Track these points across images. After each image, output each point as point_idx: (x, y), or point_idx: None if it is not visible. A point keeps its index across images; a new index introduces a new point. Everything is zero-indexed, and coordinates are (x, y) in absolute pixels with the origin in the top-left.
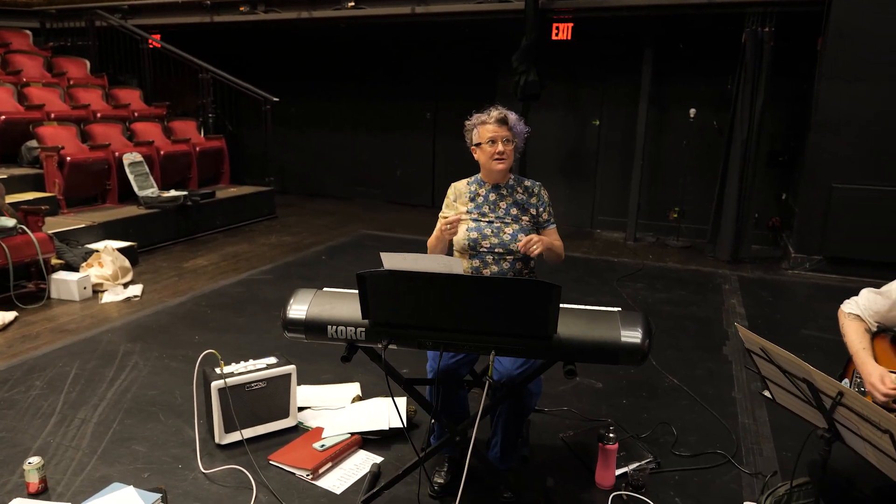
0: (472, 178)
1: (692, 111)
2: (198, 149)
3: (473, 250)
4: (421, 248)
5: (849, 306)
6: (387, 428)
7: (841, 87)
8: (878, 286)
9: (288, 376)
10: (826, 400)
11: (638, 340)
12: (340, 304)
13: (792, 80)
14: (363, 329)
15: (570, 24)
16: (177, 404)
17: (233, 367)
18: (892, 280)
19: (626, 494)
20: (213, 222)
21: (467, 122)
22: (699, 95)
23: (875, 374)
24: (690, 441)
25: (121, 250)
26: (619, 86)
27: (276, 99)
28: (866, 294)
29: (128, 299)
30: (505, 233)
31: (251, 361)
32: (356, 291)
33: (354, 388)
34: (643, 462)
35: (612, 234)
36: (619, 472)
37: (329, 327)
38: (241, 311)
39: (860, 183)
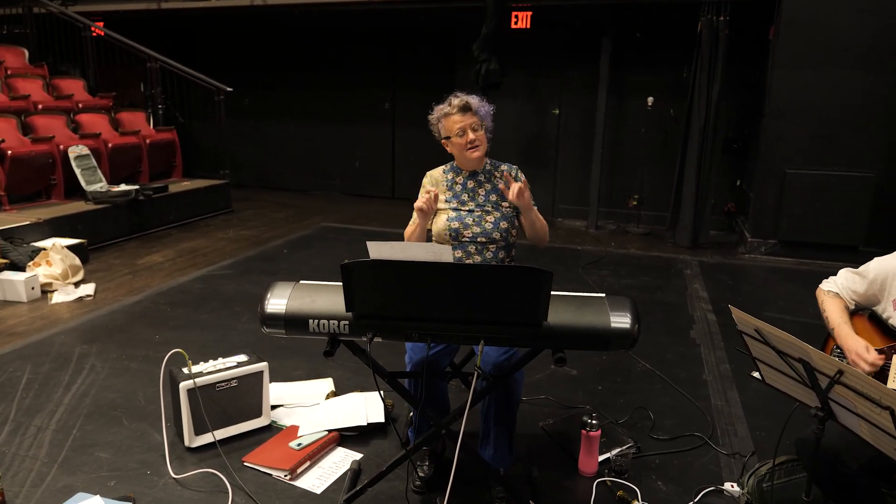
0: (448, 165)
1: (650, 100)
2: (148, 141)
3: (455, 240)
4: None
5: (828, 285)
6: (365, 423)
7: (793, 75)
8: (829, 268)
9: (260, 374)
10: (822, 379)
11: (628, 325)
12: (321, 297)
13: (743, 69)
14: (347, 322)
15: (529, 13)
16: (140, 407)
17: (201, 367)
18: (841, 261)
19: (610, 480)
20: (167, 217)
21: (430, 117)
22: (656, 84)
23: (860, 345)
24: (667, 424)
25: (70, 248)
26: (578, 75)
27: (229, 89)
28: (844, 274)
29: (80, 299)
30: (486, 221)
31: (220, 360)
32: (336, 283)
33: (328, 384)
34: (624, 447)
35: (573, 223)
36: (601, 458)
37: (311, 321)
38: (202, 308)
39: (812, 168)
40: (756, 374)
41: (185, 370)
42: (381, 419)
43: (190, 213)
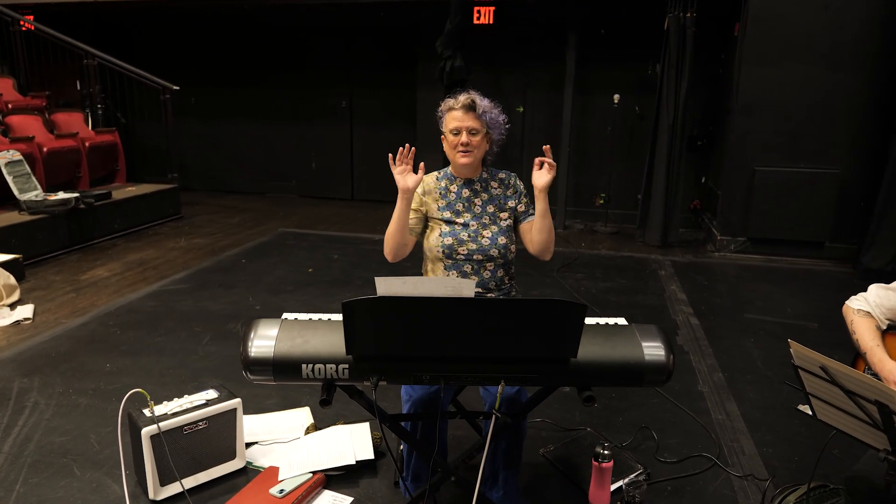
0: (441, 171)
1: (616, 97)
2: (87, 144)
3: (449, 258)
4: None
5: (857, 303)
6: (354, 462)
7: (760, 72)
8: (798, 265)
9: (233, 412)
10: None
11: (662, 356)
12: (314, 336)
13: (707, 66)
14: (346, 366)
15: (492, 8)
16: (94, 452)
17: (165, 407)
18: (809, 257)
19: None
20: (111, 226)
21: (439, 108)
22: (622, 81)
23: (890, 368)
24: (672, 444)
25: (3, 264)
26: (542, 71)
27: (175, 87)
28: (876, 290)
29: (17, 323)
30: (483, 236)
31: (186, 398)
32: (327, 317)
33: (305, 415)
34: (634, 475)
35: None
36: (612, 487)
37: (304, 366)
38: (156, 330)
39: (780, 165)
40: (804, 409)
41: (147, 412)
42: (371, 455)
43: (136, 221)
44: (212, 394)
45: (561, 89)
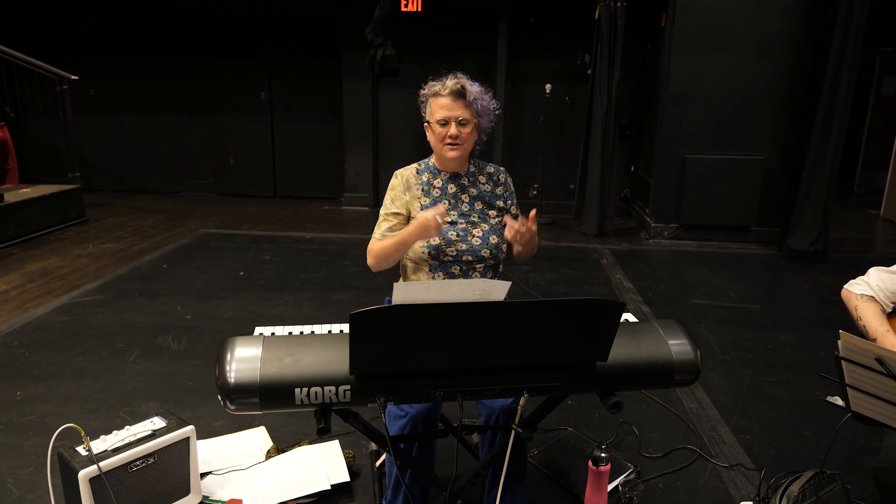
0: (422, 164)
1: (548, 87)
2: None
3: (436, 260)
4: (281, 243)
5: (859, 287)
6: (328, 486)
7: (689, 62)
8: (727, 249)
9: (185, 442)
10: None
11: (691, 354)
12: (306, 354)
13: (634, 55)
14: (348, 388)
15: None
16: (13, 500)
17: (104, 442)
18: (736, 241)
19: None
20: (5, 233)
21: (421, 92)
22: (553, 70)
23: None
24: (653, 438)
25: None
26: (473, 61)
27: (74, 77)
28: (877, 274)
29: None
30: (473, 235)
31: (127, 429)
32: (310, 330)
33: (261, 436)
34: (626, 474)
35: None
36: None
37: (297, 391)
38: (72, 349)
39: (708, 153)
40: (834, 400)
41: (82, 450)
42: (346, 477)
43: (35, 227)
44: (158, 422)
45: (492, 79)
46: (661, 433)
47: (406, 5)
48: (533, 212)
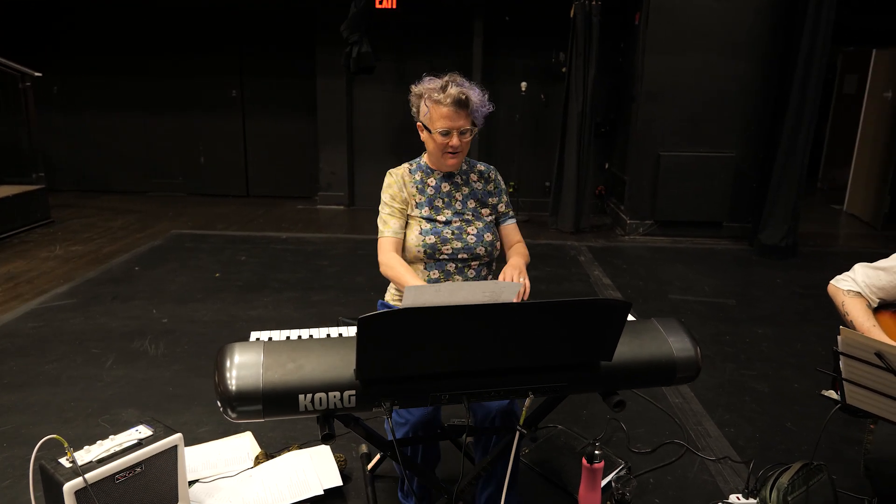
0: (414, 164)
1: (523, 85)
2: None
3: (430, 258)
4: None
5: (845, 283)
6: (321, 492)
7: (662, 60)
8: (700, 244)
9: (173, 450)
10: None
11: (691, 351)
12: (308, 360)
13: (609, 54)
14: (353, 393)
15: None
16: None
17: (88, 452)
18: (709, 237)
19: None
20: None
21: (414, 88)
22: (529, 69)
23: None
24: (641, 434)
25: None
26: (448, 59)
27: (37, 74)
28: (863, 270)
29: None
30: (468, 233)
31: (112, 439)
32: (308, 333)
33: (248, 442)
34: (618, 470)
35: None
36: None
37: (301, 397)
38: (45, 355)
39: (682, 150)
40: (829, 394)
41: (65, 462)
42: (339, 481)
43: None
44: (144, 430)
45: (468, 77)
46: (648, 428)
47: (381, 2)
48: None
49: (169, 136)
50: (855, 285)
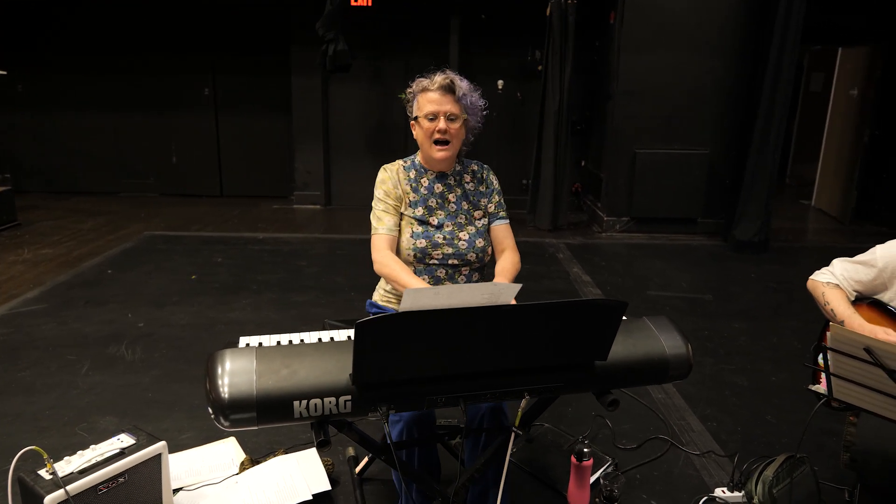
0: (408, 161)
1: (500, 83)
2: None
3: (421, 262)
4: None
5: (824, 276)
6: (310, 497)
7: (637, 59)
8: (676, 241)
9: (157, 459)
10: None
11: (683, 349)
12: (302, 365)
13: (583, 53)
14: (349, 398)
15: None
16: None
17: (69, 464)
18: (684, 233)
19: None
20: None
21: (408, 90)
22: (505, 67)
23: (880, 331)
24: (626, 430)
25: None
26: (425, 57)
27: (1, 72)
28: (841, 264)
29: None
30: (459, 238)
31: (93, 448)
32: (299, 338)
33: (232, 448)
34: (606, 467)
35: None
36: None
37: (296, 403)
38: (17, 362)
39: (657, 147)
40: (818, 388)
41: (45, 473)
42: (327, 486)
43: None
44: (126, 439)
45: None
46: (633, 425)
47: (356, 0)
48: None
49: (140, 135)
50: (834, 278)
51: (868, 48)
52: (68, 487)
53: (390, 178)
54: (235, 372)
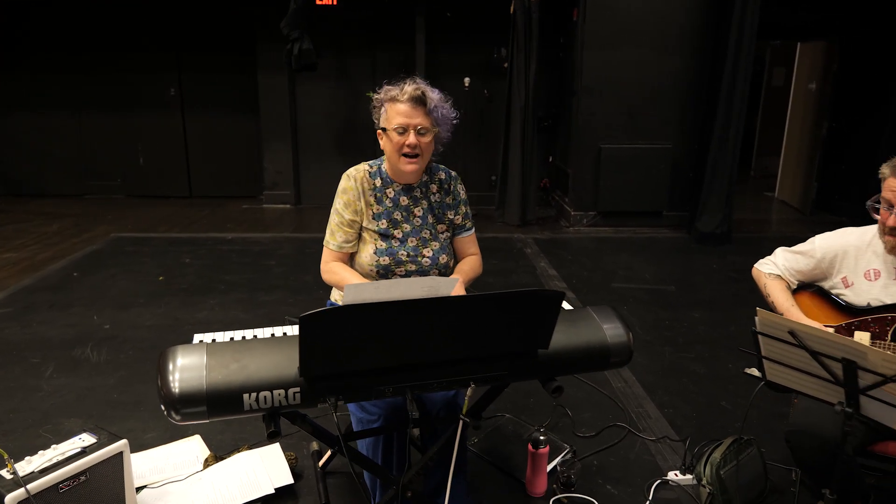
0: (374, 166)
1: (466, 80)
2: None
3: (383, 279)
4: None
5: (767, 267)
6: (272, 490)
7: (600, 56)
8: (642, 234)
9: (118, 457)
10: (866, 376)
11: (624, 336)
12: (252, 359)
13: (547, 50)
14: (298, 390)
15: None
16: None
17: (30, 464)
18: (649, 226)
19: (566, 497)
20: None
21: (375, 96)
22: (471, 64)
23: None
24: (586, 418)
25: None
26: (391, 54)
27: None
28: (783, 255)
29: None
30: (423, 256)
31: (54, 448)
32: (252, 334)
33: (197, 445)
34: (563, 454)
35: None
36: None
37: (246, 396)
38: None
39: (622, 143)
40: (752, 371)
41: (6, 473)
42: (290, 479)
43: None
44: (88, 438)
45: (411, 73)
46: (592, 413)
47: None
48: None
49: (105, 136)
50: (776, 269)
51: (825, 43)
52: (29, 486)
53: (353, 189)
54: (186, 367)
